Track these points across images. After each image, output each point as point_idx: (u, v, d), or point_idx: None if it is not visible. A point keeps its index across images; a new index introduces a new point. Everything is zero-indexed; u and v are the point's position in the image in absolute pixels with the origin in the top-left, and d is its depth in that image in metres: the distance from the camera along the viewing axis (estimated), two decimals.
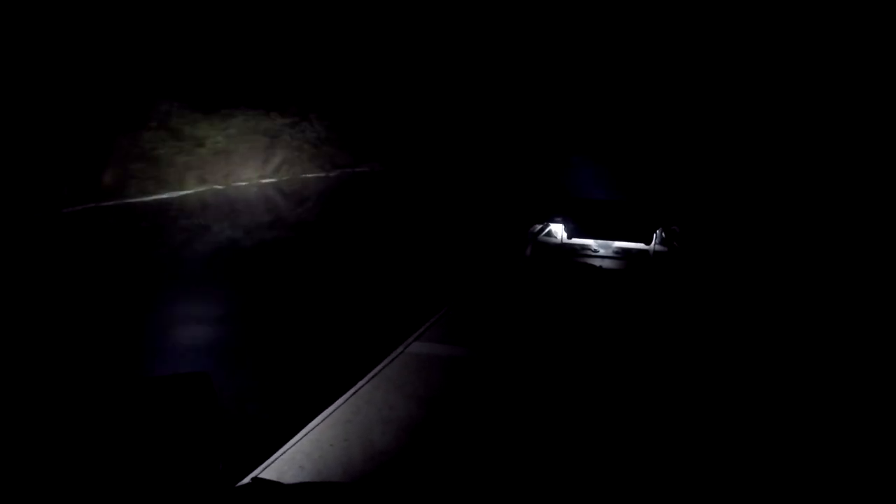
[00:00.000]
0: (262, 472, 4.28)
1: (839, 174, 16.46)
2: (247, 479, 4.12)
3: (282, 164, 20.06)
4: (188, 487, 3.76)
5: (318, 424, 4.95)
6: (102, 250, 12.00)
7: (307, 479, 4.20)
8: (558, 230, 11.26)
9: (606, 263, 10.66)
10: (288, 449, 4.59)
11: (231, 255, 12.38)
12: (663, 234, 11.22)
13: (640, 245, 11.11)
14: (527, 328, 7.48)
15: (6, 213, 13.64)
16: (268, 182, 19.90)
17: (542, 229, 11.42)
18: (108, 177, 16.22)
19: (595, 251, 10.97)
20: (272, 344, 7.47)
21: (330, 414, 5.12)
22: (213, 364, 6.57)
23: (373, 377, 5.82)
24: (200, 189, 19.18)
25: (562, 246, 11.09)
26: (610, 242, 11.13)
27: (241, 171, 19.87)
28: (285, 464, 4.41)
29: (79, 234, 13.65)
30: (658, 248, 11.01)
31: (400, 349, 6.49)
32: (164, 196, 18.13)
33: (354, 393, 5.50)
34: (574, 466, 4.45)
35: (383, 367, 6.04)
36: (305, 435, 4.79)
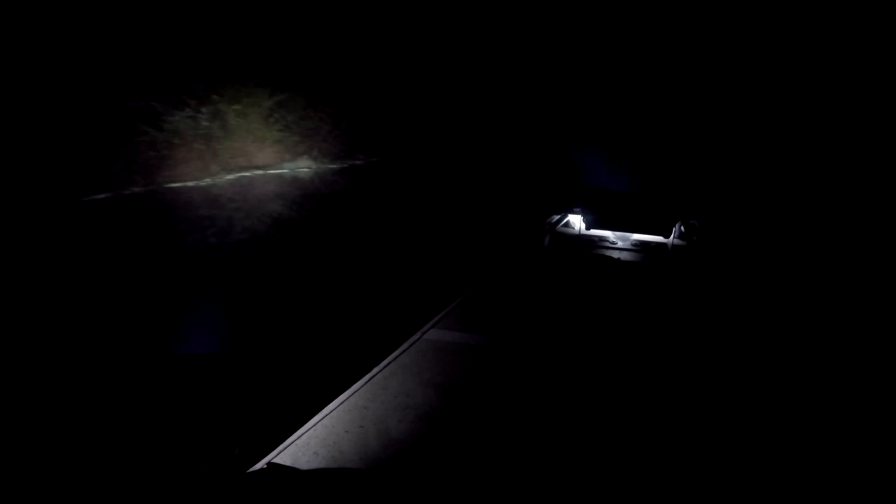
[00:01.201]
0: (276, 456, 4.18)
1: (864, 171, 16.19)
2: (261, 464, 4.04)
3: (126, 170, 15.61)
4: (203, 471, 3.69)
5: (333, 410, 4.85)
6: None
7: (322, 466, 4.10)
8: (576, 221, 11.13)
9: (624, 255, 10.53)
10: (303, 434, 4.49)
11: None
12: (682, 228, 11.06)
13: (659, 238, 10.96)
14: (544, 318, 7.36)
15: None
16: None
17: (561, 220, 11.29)
18: None
19: (613, 243, 10.83)
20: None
21: (345, 400, 5.02)
22: None
23: (389, 363, 5.71)
24: None
25: (580, 237, 10.95)
26: (628, 234, 10.99)
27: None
28: (300, 449, 4.31)
29: None
30: (677, 241, 10.86)
31: (417, 336, 6.38)
32: None
33: (370, 379, 5.39)
34: (588, 456, 4.34)
35: (400, 354, 5.93)
36: (320, 420, 4.69)
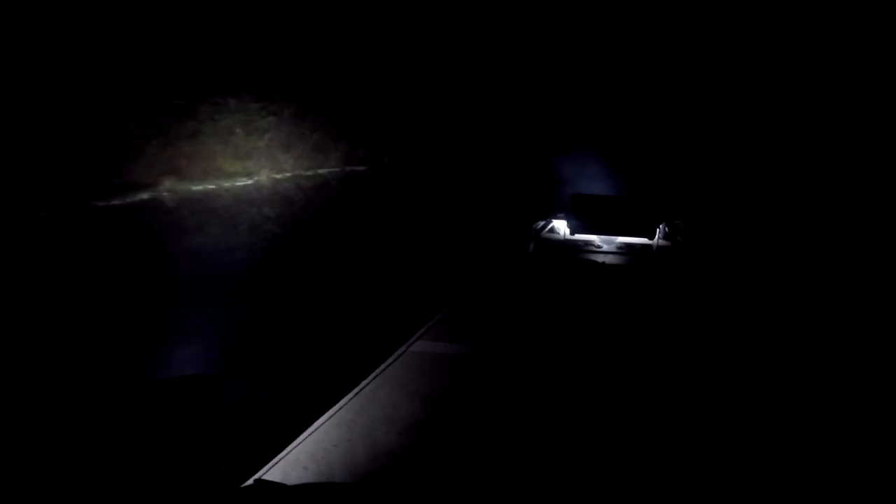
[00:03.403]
0: (265, 473, 4.26)
1: (848, 170, 16.39)
2: (250, 481, 4.11)
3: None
4: (190, 490, 3.75)
5: (321, 424, 4.93)
6: None
7: (311, 480, 4.18)
8: (561, 226, 11.24)
9: (610, 259, 10.64)
10: (291, 450, 4.57)
11: None
12: (667, 229, 11.19)
13: (644, 240, 11.10)
14: (530, 326, 7.46)
15: None
16: None
17: (545, 225, 11.40)
18: None
19: (598, 247, 10.96)
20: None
21: (333, 414, 5.10)
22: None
23: (376, 376, 5.80)
24: None
25: (565, 242, 11.07)
26: (613, 238, 11.12)
27: None
28: (289, 465, 4.39)
29: None
30: (661, 242, 10.99)
31: (403, 348, 6.47)
32: None
33: (358, 392, 5.48)
34: (576, 465, 4.43)
35: (387, 367, 6.02)
36: (309, 435, 4.77)
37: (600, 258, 10.65)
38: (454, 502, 4.07)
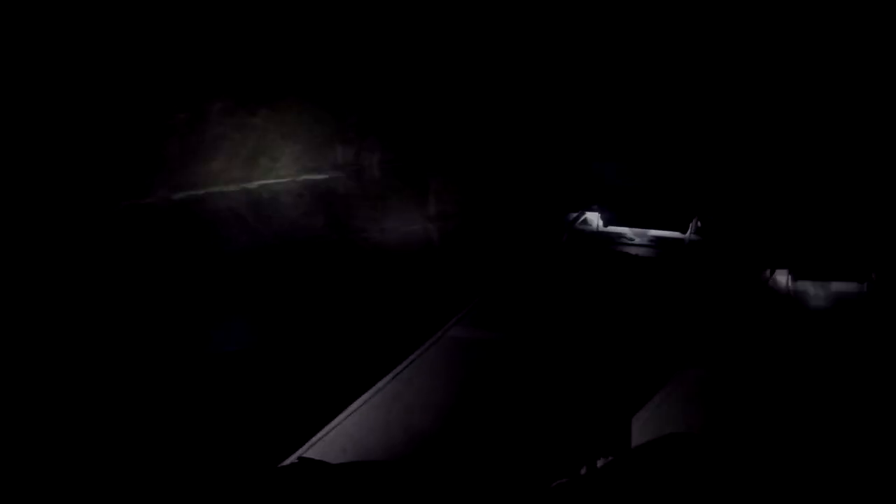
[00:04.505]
0: (306, 451, 4.34)
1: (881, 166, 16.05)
2: (292, 458, 4.21)
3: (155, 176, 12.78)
4: (237, 465, 3.86)
5: (359, 406, 5.00)
6: None
7: (350, 460, 4.26)
8: (594, 218, 11.19)
9: (641, 251, 10.57)
10: (331, 430, 4.65)
11: None
12: (699, 224, 11.10)
13: (676, 234, 11.01)
14: (562, 314, 7.44)
15: None
16: None
17: (579, 217, 11.35)
18: None
19: (630, 239, 10.89)
20: None
21: (371, 396, 5.17)
22: None
23: (412, 361, 5.84)
24: None
25: (597, 234, 11.02)
26: (645, 231, 11.04)
27: None
28: (328, 445, 4.47)
29: None
30: (693, 237, 10.90)
31: (439, 334, 6.48)
32: None
33: (395, 376, 5.54)
34: (605, 450, 4.44)
35: (423, 352, 6.04)
36: (348, 416, 4.85)
37: (632, 250, 10.60)
38: (487, 483, 4.12)
